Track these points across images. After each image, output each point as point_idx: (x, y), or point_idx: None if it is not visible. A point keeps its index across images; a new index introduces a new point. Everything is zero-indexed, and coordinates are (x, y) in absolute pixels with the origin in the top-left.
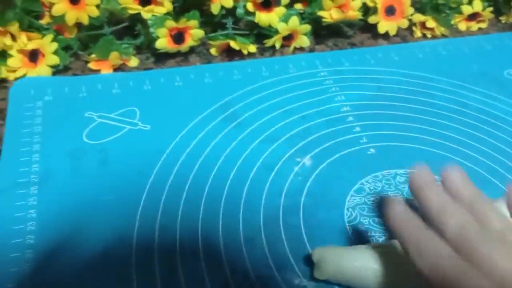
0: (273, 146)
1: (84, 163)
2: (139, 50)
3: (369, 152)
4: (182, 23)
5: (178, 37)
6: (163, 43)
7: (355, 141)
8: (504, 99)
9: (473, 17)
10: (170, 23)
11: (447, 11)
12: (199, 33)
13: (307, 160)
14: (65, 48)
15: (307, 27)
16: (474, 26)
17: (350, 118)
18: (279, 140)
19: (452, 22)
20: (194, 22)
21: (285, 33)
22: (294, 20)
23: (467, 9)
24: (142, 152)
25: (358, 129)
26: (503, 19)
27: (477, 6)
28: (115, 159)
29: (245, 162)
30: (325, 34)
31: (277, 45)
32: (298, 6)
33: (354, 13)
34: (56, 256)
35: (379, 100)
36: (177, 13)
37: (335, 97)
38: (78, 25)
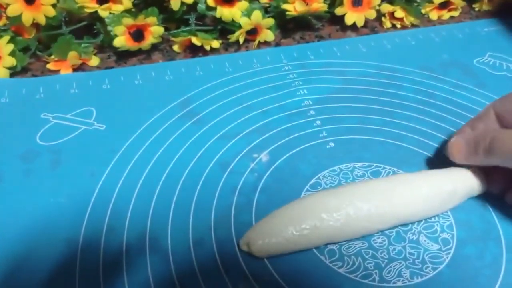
0: (231, 142)
1: (36, 165)
2: (100, 49)
3: (328, 146)
4: (141, 20)
5: (138, 34)
6: (122, 41)
7: (315, 135)
8: (471, 88)
9: (444, 5)
10: (128, 20)
11: (418, 1)
12: (159, 30)
13: (264, 156)
14: (24, 49)
15: (270, 21)
16: (446, 14)
17: (312, 112)
18: (237, 137)
19: (423, 11)
20: (153, 19)
21: (248, 27)
22: (257, 14)
23: None
24: (96, 152)
25: (318, 123)
26: (476, 6)
27: None
28: (68, 160)
29: (200, 160)
30: (292, 27)
31: (241, 40)
32: (263, 0)
33: (319, 5)
34: (3, 257)
35: (343, 93)
36: (140, 10)
37: (297, 91)
38: (37, 26)
